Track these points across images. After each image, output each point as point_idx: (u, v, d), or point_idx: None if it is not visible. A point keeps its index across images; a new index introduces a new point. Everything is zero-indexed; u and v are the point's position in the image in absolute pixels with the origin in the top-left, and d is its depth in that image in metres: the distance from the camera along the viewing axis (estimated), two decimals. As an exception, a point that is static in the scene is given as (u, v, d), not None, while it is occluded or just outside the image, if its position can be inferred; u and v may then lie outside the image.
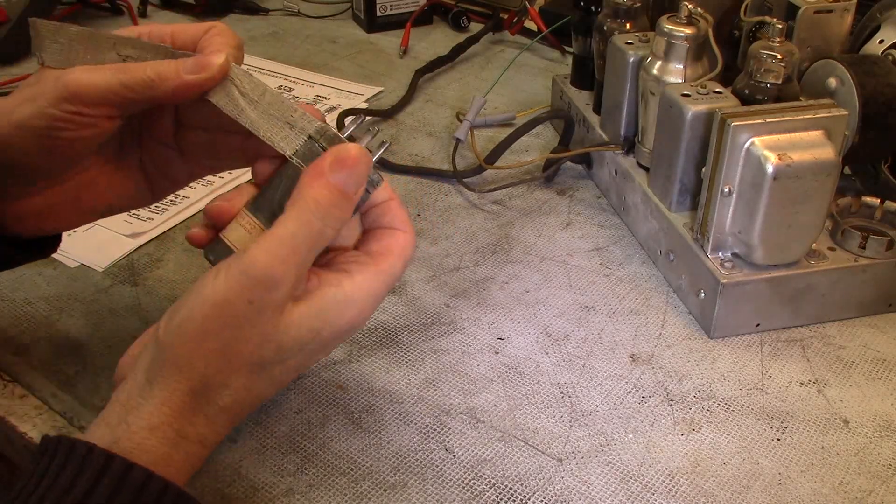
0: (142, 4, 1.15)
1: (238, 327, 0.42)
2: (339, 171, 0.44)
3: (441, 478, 0.50)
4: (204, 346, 0.42)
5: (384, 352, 0.59)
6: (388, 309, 0.63)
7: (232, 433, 0.51)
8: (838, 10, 0.67)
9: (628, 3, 0.73)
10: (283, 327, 0.43)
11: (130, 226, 0.72)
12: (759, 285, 0.59)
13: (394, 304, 0.64)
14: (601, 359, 0.59)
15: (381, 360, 0.59)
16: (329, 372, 0.58)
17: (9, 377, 0.57)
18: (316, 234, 0.43)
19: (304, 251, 0.43)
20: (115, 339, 0.60)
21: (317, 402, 0.55)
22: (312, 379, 0.57)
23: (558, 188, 0.78)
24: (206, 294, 0.42)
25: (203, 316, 0.42)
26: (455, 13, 1.12)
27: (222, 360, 0.43)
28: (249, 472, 0.51)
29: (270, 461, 0.51)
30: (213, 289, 0.42)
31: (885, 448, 0.52)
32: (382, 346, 0.60)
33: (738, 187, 0.57)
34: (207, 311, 0.42)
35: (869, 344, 0.60)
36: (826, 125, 0.56)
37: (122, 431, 0.42)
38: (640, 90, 0.68)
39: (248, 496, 0.49)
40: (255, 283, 0.42)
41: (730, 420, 0.54)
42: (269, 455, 0.52)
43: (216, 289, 0.42)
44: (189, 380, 0.43)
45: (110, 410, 0.43)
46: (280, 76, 1.00)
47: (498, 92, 0.94)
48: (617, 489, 0.50)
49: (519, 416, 0.54)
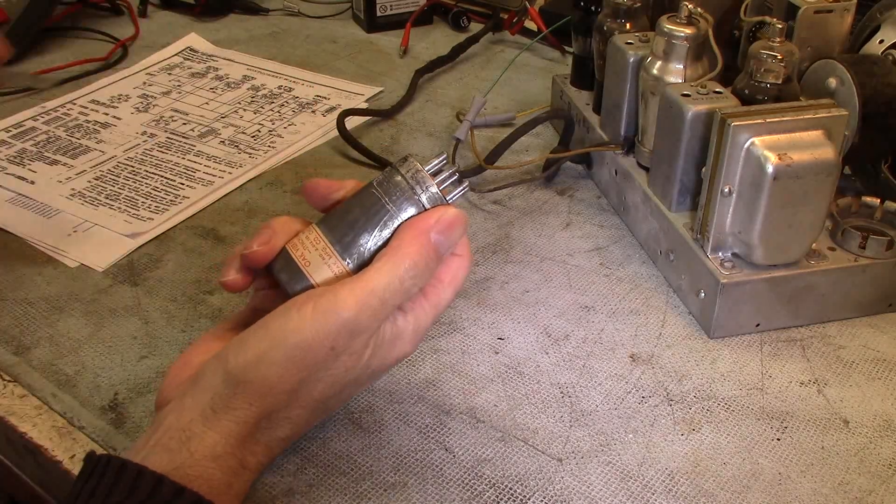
0: (142, 4, 1.15)
1: (315, 370, 0.43)
2: (441, 234, 0.45)
3: (441, 478, 0.50)
4: (280, 386, 0.43)
5: (384, 352, 0.59)
6: (388, 309, 0.63)
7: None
8: (838, 10, 0.67)
9: (628, 3, 0.73)
10: (350, 370, 0.44)
11: (130, 226, 0.72)
12: (759, 285, 0.59)
13: (394, 304, 0.64)
14: (601, 359, 0.59)
15: (381, 360, 0.59)
16: (329, 372, 0.58)
17: (9, 377, 0.57)
18: (405, 291, 0.44)
19: (390, 305, 0.44)
20: (115, 339, 0.60)
21: (317, 402, 0.55)
22: (312, 379, 0.57)
23: (558, 188, 0.78)
24: (290, 332, 0.42)
25: (286, 357, 0.43)
26: (455, 13, 1.12)
27: (292, 398, 0.44)
28: (249, 472, 0.51)
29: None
30: (299, 327, 0.42)
31: (885, 448, 0.52)
32: (382, 346, 0.60)
33: (738, 187, 0.57)
34: (290, 352, 0.42)
35: (869, 344, 0.60)
36: (826, 125, 0.56)
37: (185, 458, 0.42)
38: (640, 90, 0.68)
39: (248, 496, 0.49)
40: (343, 330, 0.42)
41: (730, 420, 0.54)
42: (269, 455, 0.52)
43: (302, 328, 0.42)
44: (258, 413, 0.43)
45: (168, 436, 0.43)
46: (280, 76, 1.00)
47: (498, 92, 0.94)
48: (617, 489, 0.50)
49: (519, 416, 0.54)
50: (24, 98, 0.93)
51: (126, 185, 0.78)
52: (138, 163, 0.81)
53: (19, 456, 0.55)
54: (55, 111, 0.91)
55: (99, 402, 0.55)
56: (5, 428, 0.55)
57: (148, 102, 0.93)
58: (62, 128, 0.87)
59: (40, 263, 0.68)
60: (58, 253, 0.69)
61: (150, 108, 0.92)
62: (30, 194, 0.77)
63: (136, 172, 0.80)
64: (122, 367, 0.58)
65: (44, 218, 0.74)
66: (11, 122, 0.88)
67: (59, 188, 0.77)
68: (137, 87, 0.96)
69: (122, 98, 0.94)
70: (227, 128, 0.88)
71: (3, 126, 0.87)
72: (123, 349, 0.60)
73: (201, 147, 0.84)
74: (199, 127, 0.88)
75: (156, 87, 0.97)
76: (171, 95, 0.95)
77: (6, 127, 0.87)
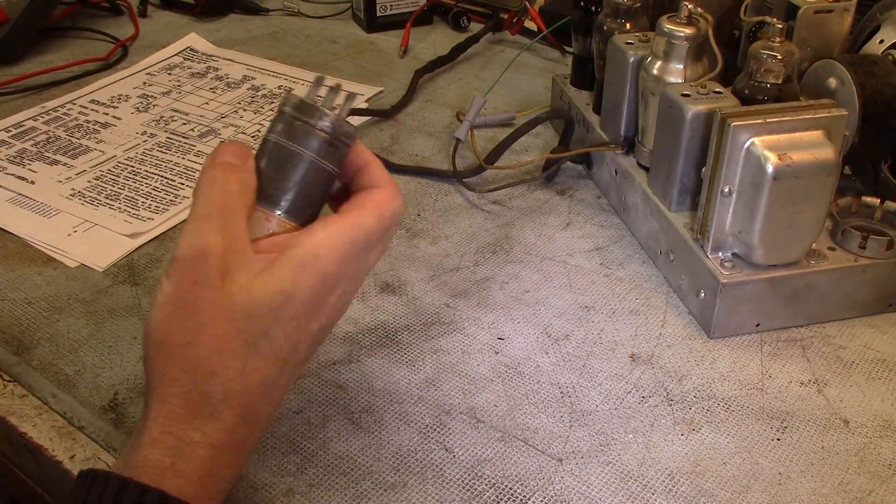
0: (142, 4, 1.15)
1: (195, 313, 0.41)
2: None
3: (441, 478, 0.50)
4: (173, 349, 0.41)
5: (384, 352, 0.59)
6: (388, 309, 0.63)
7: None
8: (838, 10, 0.67)
9: (628, 3, 0.73)
10: (243, 294, 0.41)
11: (130, 226, 0.72)
12: (759, 285, 0.59)
13: (394, 304, 0.64)
14: (601, 359, 0.59)
15: (381, 360, 0.59)
16: (329, 372, 0.58)
17: (9, 377, 0.57)
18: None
19: (217, 215, 0.42)
20: (115, 339, 0.60)
21: (317, 402, 0.55)
22: (312, 379, 0.57)
23: (558, 188, 0.78)
24: (157, 300, 0.42)
25: (161, 319, 0.42)
26: (455, 13, 1.12)
27: (195, 350, 0.41)
28: (249, 472, 0.51)
29: (270, 461, 0.51)
30: (160, 291, 0.42)
31: (885, 448, 0.52)
32: (382, 346, 0.60)
33: (738, 187, 0.57)
34: (163, 313, 0.42)
35: (869, 344, 0.60)
36: (826, 125, 0.56)
37: (131, 452, 0.41)
38: (640, 90, 0.68)
39: (248, 496, 0.49)
40: (187, 262, 0.41)
41: (730, 420, 0.54)
42: (269, 455, 0.52)
43: (162, 290, 0.42)
44: (174, 384, 0.41)
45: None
46: (280, 76, 1.00)
47: (498, 92, 0.94)
48: (617, 489, 0.50)
49: (519, 416, 0.54)
50: (24, 98, 0.93)
51: (126, 185, 0.78)
52: (138, 163, 0.81)
53: (19, 456, 0.55)
54: (55, 111, 0.91)
55: (99, 402, 0.55)
56: (5, 428, 0.55)
57: (148, 102, 0.93)
58: (62, 128, 0.87)
59: (40, 263, 0.68)
60: (58, 253, 0.69)
61: (150, 108, 0.92)
62: (30, 194, 0.77)
63: (136, 172, 0.80)
64: (122, 367, 0.58)
65: (44, 218, 0.74)
66: (11, 122, 0.88)
67: (59, 188, 0.77)
68: (137, 87, 0.96)
69: (122, 98, 0.94)
70: (227, 128, 0.88)
71: (3, 126, 0.87)
72: (123, 349, 0.60)
73: (201, 147, 0.84)
74: (199, 127, 0.88)
75: (156, 87, 0.97)
76: (171, 95, 0.95)
77: (6, 127, 0.87)
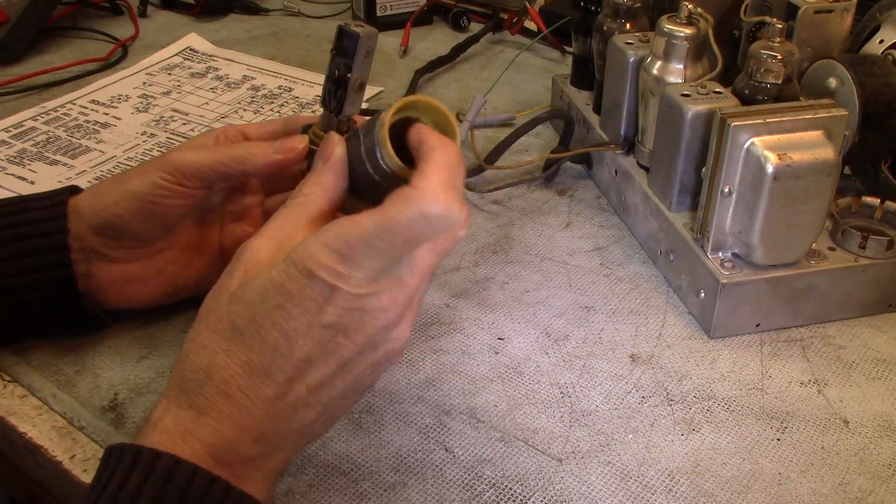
0: (142, 4, 1.15)
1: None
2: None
3: (441, 478, 0.50)
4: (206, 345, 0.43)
5: (384, 352, 0.59)
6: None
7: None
8: (838, 10, 0.67)
9: (628, 3, 0.73)
10: (236, 282, 0.43)
11: (130, 226, 0.72)
12: (759, 285, 0.59)
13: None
14: (601, 359, 0.59)
15: (381, 360, 0.59)
16: (329, 372, 0.58)
17: (9, 377, 0.57)
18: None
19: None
20: (115, 339, 0.60)
21: (317, 402, 0.55)
22: (312, 379, 0.57)
23: (558, 188, 0.78)
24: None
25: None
26: (455, 13, 1.12)
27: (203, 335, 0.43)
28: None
29: (270, 461, 0.51)
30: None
31: (885, 448, 0.52)
32: (382, 346, 0.60)
33: (738, 187, 0.57)
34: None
35: (869, 344, 0.60)
36: (826, 125, 0.56)
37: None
38: (640, 90, 0.68)
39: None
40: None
41: (730, 420, 0.54)
42: (269, 455, 0.52)
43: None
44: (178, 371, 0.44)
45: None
46: (280, 76, 1.00)
47: (498, 92, 0.94)
48: (617, 489, 0.50)
49: (519, 416, 0.54)
50: (24, 98, 0.93)
51: (126, 185, 0.78)
52: (138, 163, 0.81)
53: (19, 456, 0.55)
54: (55, 111, 0.91)
55: (99, 402, 0.55)
56: (5, 428, 0.55)
57: (148, 102, 0.93)
58: (62, 128, 0.87)
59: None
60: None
61: (149, 108, 0.92)
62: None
63: (136, 172, 0.80)
64: (122, 367, 0.58)
65: (44, 218, 0.74)
66: (11, 122, 0.88)
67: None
68: (137, 87, 0.96)
69: (122, 98, 0.94)
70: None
71: (3, 126, 0.87)
72: (123, 349, 0.60)
73: (201, 147, 0.84)
74: (199, 127, 0.88)
75: (156, 87, 0.97)
76: (171, 95, 0.95)
77: (6, 127, 0.87)
